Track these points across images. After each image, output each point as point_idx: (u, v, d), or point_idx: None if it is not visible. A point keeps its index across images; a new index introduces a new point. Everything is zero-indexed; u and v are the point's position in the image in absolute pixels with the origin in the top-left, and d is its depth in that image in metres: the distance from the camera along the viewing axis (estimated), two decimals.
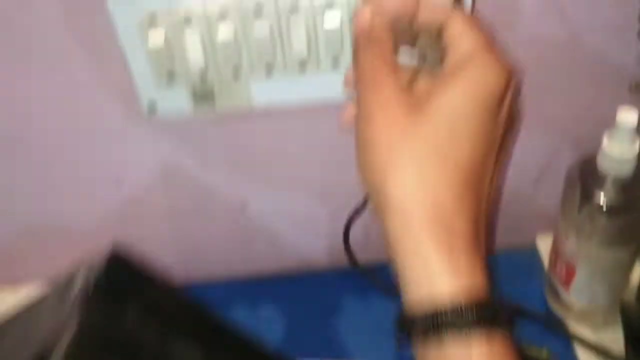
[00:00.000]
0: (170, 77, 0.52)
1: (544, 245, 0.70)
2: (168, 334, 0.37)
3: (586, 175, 0.56)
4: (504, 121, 0.38)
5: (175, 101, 0.55)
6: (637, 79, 0.56)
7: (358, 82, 0.38)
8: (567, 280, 0.61)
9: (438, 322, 0.32)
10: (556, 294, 0.63)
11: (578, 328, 0.62)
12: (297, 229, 0.71)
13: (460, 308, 0.32)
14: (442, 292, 0.33)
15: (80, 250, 0.70)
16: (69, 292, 0.40)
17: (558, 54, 0.56)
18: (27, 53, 0.54)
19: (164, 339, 0.37)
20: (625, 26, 0.54)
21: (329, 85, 0.53)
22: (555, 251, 0.62)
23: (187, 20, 0.49)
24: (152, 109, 0.55)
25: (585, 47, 0.56)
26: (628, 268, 0.60)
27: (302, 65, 0.52)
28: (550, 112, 0.61)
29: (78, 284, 0.40)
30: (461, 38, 0.37)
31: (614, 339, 0.61)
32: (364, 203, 0.59)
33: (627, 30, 0.54)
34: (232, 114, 0.57)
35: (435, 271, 0.33)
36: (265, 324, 0.67)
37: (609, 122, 0.50)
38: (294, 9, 0.49)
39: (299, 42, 0.50)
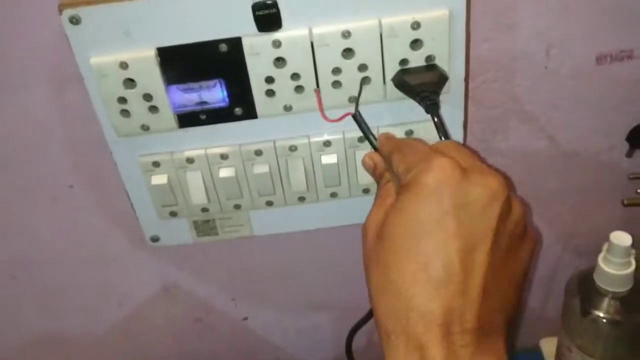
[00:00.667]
0: (173, 213, 0.53)
1: (547, 348, 0.70)
2: None
3: (585, 289, 0.57)
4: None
5: (178, 233, 0.56)
6: (628, 194, 0.58)
7: None
8: None
9: None
10: None
11: None
12: (299, 340, 0.71)
13: None
14: None
15: None
16: None
17: (550, 173, 0.58)
18: (36, 188, 0.56)
19: None
20: (615, 146, 0.56)
21: (328, 214, 0.54)
22: None
23: (190, 161, 0.51)
24: (154, 239, 0.56)
25: (577, 166, 0.58)
26: None
27: (302, 199, 0.53)
28: (548, 225, 0.63)
29: None
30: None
31: None
32: (368, 315, 0.60)
33: (617, 150, 0.56)
34: (233, 238, 0.58)
35: None
36: None
37: (607, 233, 0.52)
38: (292, 149, 0.50)
39: (297, 179, 0.51)
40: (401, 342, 0.35)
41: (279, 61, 0.46)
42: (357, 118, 0.47)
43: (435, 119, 0.45)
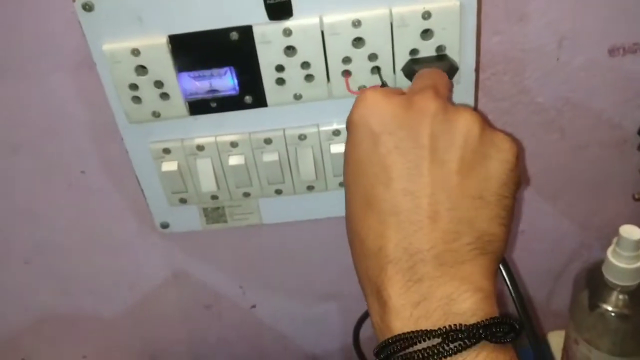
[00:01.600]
0: (183, 200, 0.54)
1: (555, 341, 0.70)
2: None
3: (594, 282, 0.57)
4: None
5: (187, 220, 0.56)
6: (639, 188, 0.57)
7: None
8: None
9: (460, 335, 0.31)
10: None
11: None
12: (307, 329, 0.71)
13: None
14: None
15: (92, 347, 0.72)
16: None
17: (560, 166, 0.58)
18: (49, 173, 0.57)
19: None
20: (627, 140, 0.56)
21: (337, 204, 0.54)
22: (567, 353, 0.62)
23: (200, 148, 0.51)
24: (164, 226, 0.57)
25: (587, 159, 0.57)
26: None
27: (310, 187, 0.54)
28: (560, 220, 0.62)
29: None
30: None
31: None
32: None
33: (628, 144, 0.56)
34: (242, 226, 0.59)
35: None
36: None
37: (617, 227, 0.51)
38: (302, 137, 0.50)
39: (306, 168, 0.51)
40: (368, 293, 0.35)
41: (290, 50, 0.46)
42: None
43: None
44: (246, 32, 0.45)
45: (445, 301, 0.32)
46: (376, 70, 0.47)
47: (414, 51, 0.46)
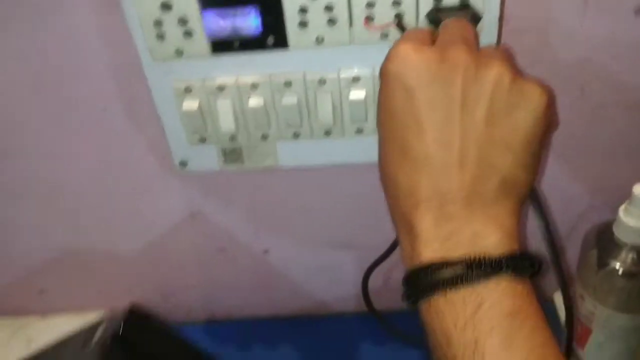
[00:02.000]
0: (202, 139, 0.55)
1: (560, 301, 0.70)
2: None
3: (603, 241, 0.57)
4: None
5: (206, 159, 0.57)
6: None
7: None
8: (583, 340, 0.62)
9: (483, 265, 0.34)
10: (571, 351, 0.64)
11: None
12: (318, 276, 0.73)
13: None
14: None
15: (106, 284, 0.74)
16: (91, 339, 0.43)
17: (578, 125, 0.58)
18: (71, 111, 0.58)
19: None
20: None
21: (353, 150, 0.55)
22: None
23: (220, 88, 0.52)
24: (183, 164, 0.58)
25: (606, 119, 0.57)
26: None
27: (328, 132, 0.54)
28: (573, 180, 0.63)
29: (99, 333, 0.43)
30: None
31: None
32: (386, 254, 0.61)
33: None
34: (259, 169, 0.60)
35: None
36: None
37: (628, 192, 0.52)
38: (321, 82, 0.51)
39: (325, 113, 0.52)
40: (400, 230, 0.38)
41: None
42: (401, 24, 0.47)
43: None
44: None
45: (471, 237, 0.35)
46: (398, 17, 0.47)
47: None
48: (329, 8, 0.47)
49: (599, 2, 0.50)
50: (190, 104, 0.52)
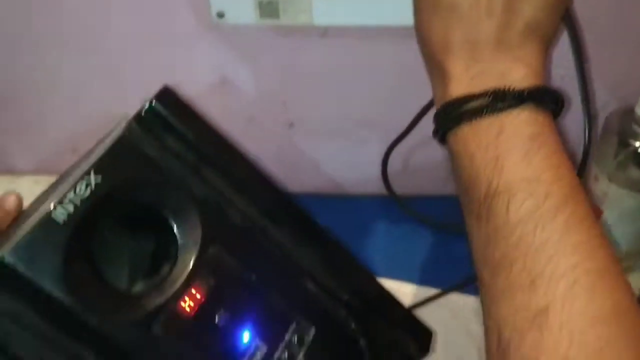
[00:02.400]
0: None
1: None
2: (200, 167, 0.42)
3: (625, 124, 0.58)
4: None
5: (242, 11, 0.59)
6: None
7: None
8: None
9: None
10: None
11: None
12: (339, 155, 0.75)
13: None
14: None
15: None
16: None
17: (607, 12, 0.58)
18: None
19: (196, 170, 0.41)
20: None
21: (389, 11, 0.56)
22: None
23: None
24: (220, 15, 0.59)
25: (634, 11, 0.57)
26: None
27: None
28: (596, 71, 0.63)
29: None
30: None
31: (636, 285, 0.63)
32: (406, 131, 0.62)
33: None
34: (293, 29, 0.61)
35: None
36: None
37: None
38: None
39: None
40: (433, 75, 0.41)
41: None
42: None
43: None
44: None
45: (498, 74, 0.38)
46: None
47: None
48: None
49: None
50: None
